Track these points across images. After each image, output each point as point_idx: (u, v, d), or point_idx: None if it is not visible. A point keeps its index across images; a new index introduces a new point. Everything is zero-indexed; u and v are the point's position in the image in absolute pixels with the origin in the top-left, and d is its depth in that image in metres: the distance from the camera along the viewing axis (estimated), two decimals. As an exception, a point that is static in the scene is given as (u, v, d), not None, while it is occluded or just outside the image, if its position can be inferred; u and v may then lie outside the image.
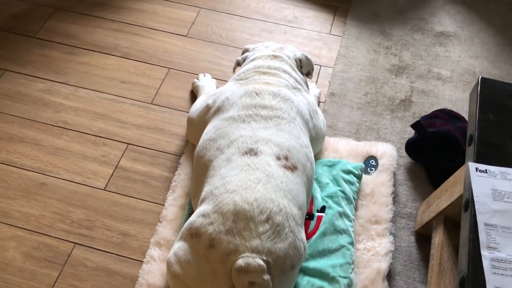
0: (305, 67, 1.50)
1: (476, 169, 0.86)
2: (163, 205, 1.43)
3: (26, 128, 1.60)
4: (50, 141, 1.57)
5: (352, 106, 1.71)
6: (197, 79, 1.72)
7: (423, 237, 1.39)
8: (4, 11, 1.96)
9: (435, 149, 1.49)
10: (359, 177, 1.44)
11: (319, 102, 1.70)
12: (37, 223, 1.39)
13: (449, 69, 1.84)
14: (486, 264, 0.76)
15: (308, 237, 1.31)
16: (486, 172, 0.86)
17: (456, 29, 1.98)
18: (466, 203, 0.86)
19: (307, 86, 1.51)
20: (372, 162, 1.50)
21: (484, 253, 0.77)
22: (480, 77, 1.01)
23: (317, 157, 1.51)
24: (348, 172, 1.43)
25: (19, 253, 1.33)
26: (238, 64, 1.53)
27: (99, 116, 1.64)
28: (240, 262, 1.03)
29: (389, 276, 1.31)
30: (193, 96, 1.71)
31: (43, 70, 1.77)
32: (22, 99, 1.68)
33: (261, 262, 1.03)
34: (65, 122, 1.62)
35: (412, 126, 1.49)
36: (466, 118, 1.62)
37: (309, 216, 1.36)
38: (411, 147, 1.52)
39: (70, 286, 1.28)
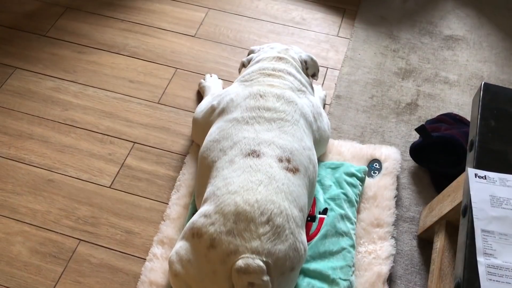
0: (310, 69, 1.51)
1: (475, 175, 0.86)
2: (167, 203, 1.44)
3: (35, 125, 1.63)
4: (58, 138, 1.60)
5: (357, 109, 1.71)
6: (204, 79, 1.74)
7: (425, 242, 1.39)
8: (16, 10, 2.00)
9: (439, 153, 1.49)
10: (362, 180, 1.44)
11: (324, 105, 1.70)
12: (43, 219, 1.41)
13: (457, 73, 1.84)
14: (481, 270, 0.76)
15: (310, 239, 1.32)
16: (485, 178, 0.86)
17: (465, 33, 1.97)
18: (465, 209, 0.86)
19: (312, 88, 1.51)
20: (376, 165, 1.50)
21: (480, 259, 0.77)
22: (483, 82, 1.01)
23: (320, 159, 1.51)
24: (351, 175, 1.43)
25: (25, 248, 1.35)
26: (243, 65, 1.54)
27: (107, 115, 1.67)
28: (240, 262, 1.04)
29: (390, 279, 1.31)
30: (200, 96, 1.72)
31: (53, 68, 1.80)
32: (32, 96, 1.71)
33: (261, 263, 1.04)
34: (73, 120, 1.65)
35: (417, 130, 1.49)
36: (472, 122, 1.61)
37: (311, 218, 1.36)
38: (415, 151, 1.52)
39: (74, 281, 1.30)
